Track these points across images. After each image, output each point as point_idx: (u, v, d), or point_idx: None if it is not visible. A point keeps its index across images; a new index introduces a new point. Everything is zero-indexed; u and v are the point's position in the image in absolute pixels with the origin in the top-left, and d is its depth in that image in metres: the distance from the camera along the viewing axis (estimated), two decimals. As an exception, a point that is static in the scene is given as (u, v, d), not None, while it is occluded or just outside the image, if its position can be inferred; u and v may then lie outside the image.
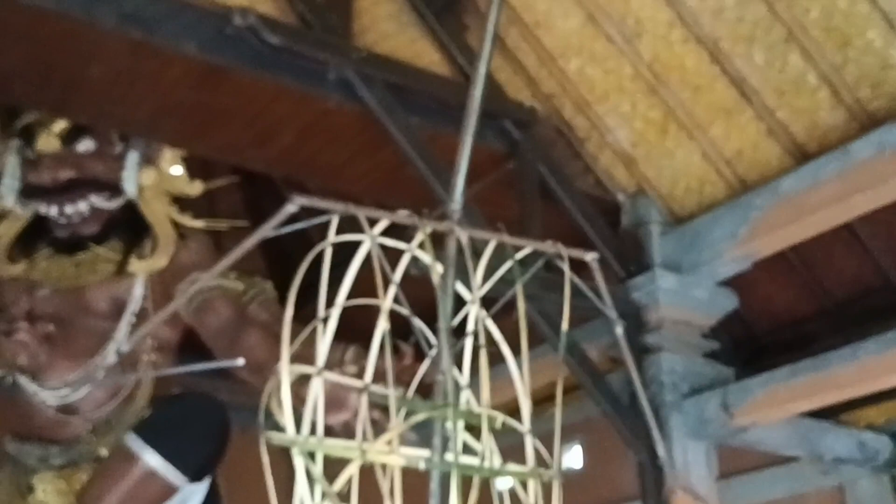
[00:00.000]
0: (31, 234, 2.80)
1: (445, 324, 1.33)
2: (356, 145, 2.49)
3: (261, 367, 2.48)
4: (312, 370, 1.35)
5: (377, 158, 2.45)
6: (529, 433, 1.28)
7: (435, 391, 1.37)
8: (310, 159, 2.55)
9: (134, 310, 2.70)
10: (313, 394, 1.31)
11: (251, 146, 2.51)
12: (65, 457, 2.57)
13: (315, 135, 2.46)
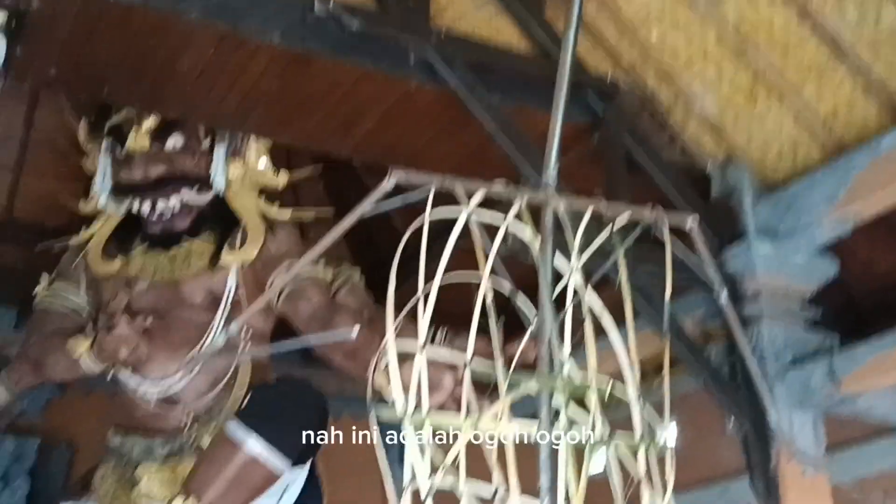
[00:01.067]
0: (125, 232, 2.89)
1: (547, 294, 1.31)
2: (438, 126, 2.48)
3: (354, 352, 2.50)
4: (416, 346, 1.34)
5: (460, 139, 2.44)
6: (639, 401, 1.25)
7: (538, 364, 1.35)
8: (393, 143, 2.56)
9: (228, 301, 2.76)
10: (416, 370, 1.31)
11: (335, 132, 2.52)
12: (168, 447, 2.64)
13: (397, 118, 2.46)
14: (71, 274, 2.87)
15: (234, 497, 2.39)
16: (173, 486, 2.57)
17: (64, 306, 2.82)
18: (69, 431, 3.52)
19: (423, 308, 1.38)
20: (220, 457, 2.39)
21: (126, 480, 2.63)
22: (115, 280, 2.79)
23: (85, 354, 2.58)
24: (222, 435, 2.43)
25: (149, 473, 2.60)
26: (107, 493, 2.63)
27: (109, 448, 2.74)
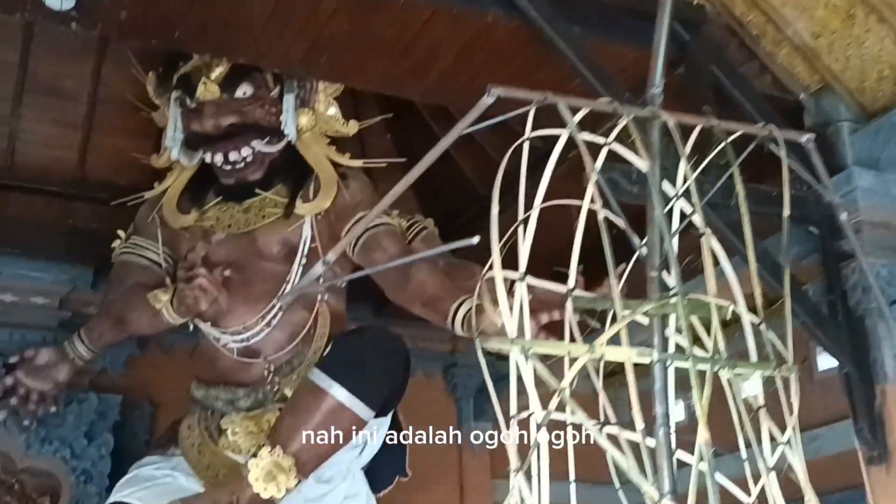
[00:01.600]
0: (199, 185, 2.87)
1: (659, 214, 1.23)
2: (517, 63, 2.38)
3: (433, 301, 2.46)
4: (517, 275, 1.27)
5: (540, 75, 2.33)
6: (763, 326, 1.17)
7: (648, 289, 1.27)
8: (468, 83, 2.46)
9: (304, 251, 2.73)
10: (518, 299, 1.24)
11: (408, 75, 2.44)
12: (251, 399, 2.64)
13: (473, 55, 2.37)
14: (147, 228, 2.86)
15: (320, 445, 2.37)
16: (258, 436, 2.57)
17: (143, 259, 2.82)
18: (150, 388, 3.55)
19: (524, 234, 1.31)
20: (304, 406, 2.37)
21: (211, 432, 2.64)
22: (190, 233, 2.77)
23: (166, 307, 2.58)
24: (306, 384, 2.41)
25: (233, 425, 2.60)
26: (193, 444, 2.64)
27: (193, 400, 2.75)
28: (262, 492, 2.30)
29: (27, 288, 3.38)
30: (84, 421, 3.23)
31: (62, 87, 3.05)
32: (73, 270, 3.42)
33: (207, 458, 2.60)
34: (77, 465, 3.19)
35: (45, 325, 3.38)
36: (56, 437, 3.18)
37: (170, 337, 3.62)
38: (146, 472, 2.59)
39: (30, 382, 3.03)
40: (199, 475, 2.57)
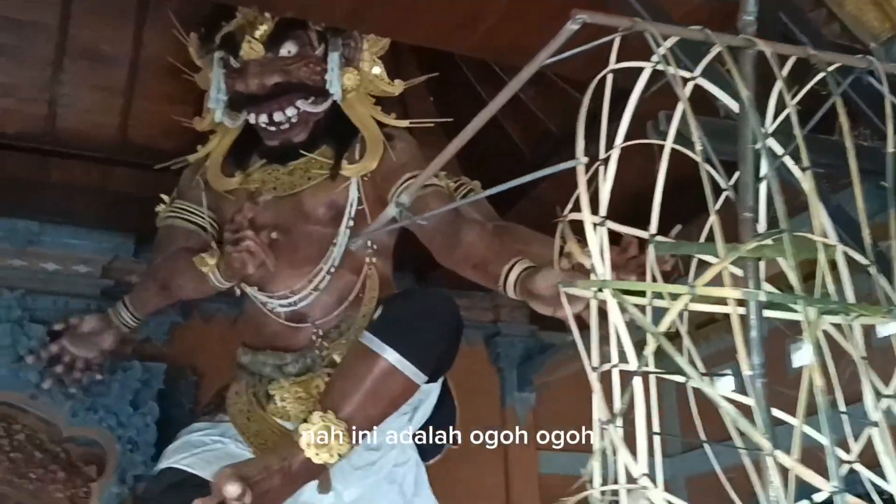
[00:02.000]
0: (242, 148, 2.81)
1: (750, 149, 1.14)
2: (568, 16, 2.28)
3: (483, 263, 2.38)
4: (596, 219, 1.20)
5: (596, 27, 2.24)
6: (873, 266, 1.09)
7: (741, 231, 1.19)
8: (517, 38, 2.37)
9: (351, 213, 2.67)
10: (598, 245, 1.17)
11: (456, 29, 2.36)
12: (299, 364, 2.59)
13: (525, 8, 2.28)
14: (191, 192, 2.81)
15: (372, 410, 2.32)
16: (307, 402, 2.53)
17: (188, 224, 2.77)
18: (192, 356, 3.53)
19: (605, 174, 1.23)
20: (356, 370, 2.32)
21: (259, 398, 2.60)
22: (235, 196, 2.72)
23: (212, 271, 2.53)
24: (358, 347, 2.36)
25: (281, 391, 2.56)
26: (241, 410, 2.59)
27: (239, 366, 2.70)
28: (313, 457, 2.25)
29: (69, 256, 3.36)
30: (129, 389, 3.21)
31: (102, 52, 3.00)
32: (114, 238, 3.38)
33: (256, 425, 2.56)
34: (123, 433, 3.17)
35: (87, 293, 3.35)
36: (101, 405, 3.16)
37: (211, 305, 3.60)
38: (195, 439, 2.55)
39: (75, 350, 3.01)
40: (248, 441, 2.53)
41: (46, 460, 3.20)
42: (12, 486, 3.17)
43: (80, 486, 3.21)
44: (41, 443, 3.20)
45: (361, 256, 2.67)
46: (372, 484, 2.57)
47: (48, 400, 3.09)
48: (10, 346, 3.05)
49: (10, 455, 3.17)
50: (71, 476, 3.21)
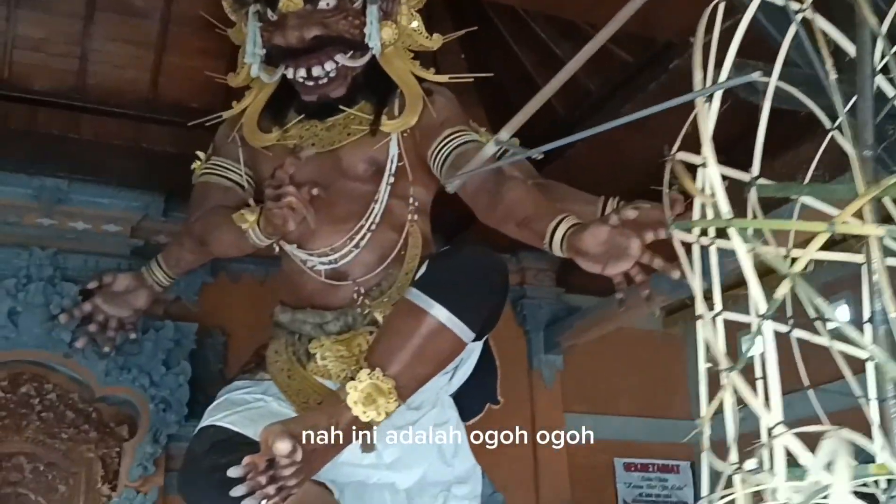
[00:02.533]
0: (279, 103, 2.76)
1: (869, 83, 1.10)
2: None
3: (528, 220, 2.33)
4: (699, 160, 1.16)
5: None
6: None
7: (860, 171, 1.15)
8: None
9: (392, 170, 2.62)
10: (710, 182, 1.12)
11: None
12: (340, 322, 2.55)
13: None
14: (228, 148, 2.77)
15: (420, 368, 2.29)
16: (348, 360, 2.50)
17: (224, 180, 2.73)
18: (221, 317, 3.51)
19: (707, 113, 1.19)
20: (403, 327, 2.28)
21: (299, 356, 2.57)
22: (273, 152, 2.67)
23: (252, 227, 2.48)
24: (404, 304, 2.32)
25: (322, 349, 2.53)
26: (281, 369, 2.56)
27: (277, 325, 2.67)
28: (361, 415, 2.22)
29: (98, 215, 3.33)
30: (161, 349, 3.19)
31: (134, 5, 2.95)
32: (144, 197, 3.35)
33: (297, 383, 2.53)
34: (156, 393, 3.15)
35: (117, 252, 3.32)
36: (134, 365, 3.14)
37: (239, 265, 3.57)
38: (237, 397, 2.52)
39: (108, 309, 2.99)
40: (289, 399, 2.50)
41: (78, 420, 3.19)
42: (44, 446, 3.16)
43: (112, 446, 3.20)
44: (73, 403, 3.19)
45: (402, 214, 2.63)
46: (411, 444, 2.55)
47: (80, 359, 3.07)
48: (43, 304, 3.03)
49: (41, 415, 3.15)
50: (103, 436, 3.20)
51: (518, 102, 3.31)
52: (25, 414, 3.11)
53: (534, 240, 2.32)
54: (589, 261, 2.12)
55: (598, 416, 4.15)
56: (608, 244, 2.09)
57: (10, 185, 3.17)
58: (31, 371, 3.13)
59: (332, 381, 2.53)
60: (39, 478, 3.13)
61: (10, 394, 3.11)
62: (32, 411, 3.12)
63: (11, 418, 3.09)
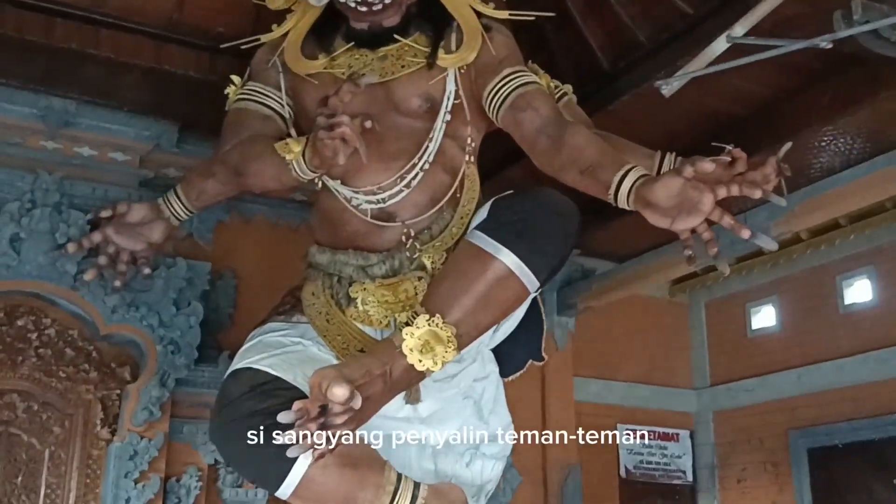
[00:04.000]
0: (323, 28, 2.57)
1: None
2: None
3: (592, 168, 2.19)
4: None
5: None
6: None
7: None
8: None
9: (448, 107, 2.46)
10: None
11: None
12: (386, 265, 2.38)
13: None
14: (267, 74, 2.56)
15: (482, 316, 2.15)
16: (393, 306, 2.35)
17: (263, 108, 2.53)
18: (231, 259, 3.32)
19: None
20: (467, 271, 2.13)
21: (339, 300, 2.40)
22: (319, 80, 2.48)
23: (297, 159, 2.29)
24: (468, 248, 2.17)
25: (365, 293, 2.36)
26: (319, 312, 2.39)
27: (313, 266, 2.50)
28: (416, 364, 2.07)
29: (106, 141, 3.11)
30: (173, 287, 3.00)
31: (165, -89, 2.72)
32: (156, 126, 3.14)
33: (336, 328, 2.37)
34: (165, 334, 2.97)
35: (124, 182, 3.11)
36: (143, 303, 2.95)
37: (252, 206, 3.38)
38: (273, 339, 2.35)
39: (120, 241, 2.77)
40: (329, 344, 2.34)
41: (78, 359, 2.99)
42: (39, 384, 2.96)
43: (112, 388, 3.02)
44: (72, 340, 2.99)
45: (455, 155, 2.47)
46: (449, 398, 2.42)
47: (86, 293, 2.87)
48: (48, 232, 2.81)
49: (38, 350, 2.95)
50: (103, 377, 3.01)
51: (561, 53, 3.18)
52: (22, 349, 2.91)
53: (597, 189, 2.18)
54: (658, 214, 2.00)
55: (604, 381, 4.08)
56: (680, 197, 1.97)
57: (15, 104, 2.94)
58: (29, 304, 2.92)
59: (373, 327, 2.37)
60: (33, 418, 2.94)
61: (6, 326, 2.91)
62: (30, 346, 2.92)
63: (7, 353, 2.89)
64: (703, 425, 4.33)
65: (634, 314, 4.29)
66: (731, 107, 2.95)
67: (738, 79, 2.83)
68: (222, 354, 3.10)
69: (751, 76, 2.79)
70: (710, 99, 2.96)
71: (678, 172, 1.98)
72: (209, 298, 3.12)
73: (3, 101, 2.95)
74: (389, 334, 2.36)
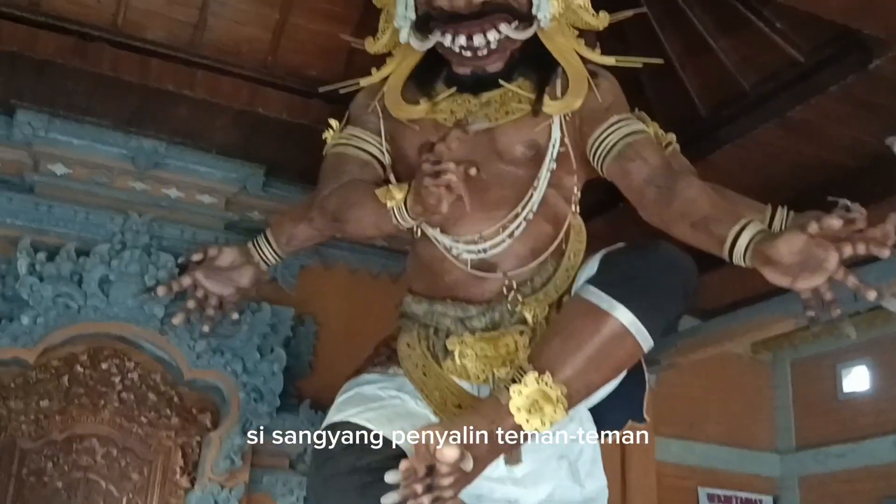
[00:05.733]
0: (424, 73, 2.51)
1: None
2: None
3: (706, 221, 2.09)
4: None
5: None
6: None
7: None
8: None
9: (553, 155, 2.38)
10: None
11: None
12: (486, 318, 2.29)
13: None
14: (366, 119, 2.51)
15: (594, 376, 2.05)
16: (493, 361, 2.26)
17: (362, 153, 2.47)
18: (312, 304, 3.26)
19: None
20: (579, 328, 2.03)
21: (435, 352, 2.32)
22: (420, 126, 2.43)
23: (398, 206, 2.22)
24: (581, 303, 2.07)
25: (462, 346, 2.28)
26: (416, 364, 2.31)
27: (408, 316, 2.42)
28: (524, 424, 1.98)
29: (194, 183, 3.08)
30: (257, 333, 2.94)
31: (265, -44, 2.71)
32: (244, 169, 3.11)
33: (433, 381, 2.28)
34: (248, 380, 2.90)
35: (210, 225, 3.07)
36: (228, 348, 2.88)
37: (335, 251, 3.33)
38: (370, 392, 2.27)
39: (209, 285, 2.72)
40: (426, 398, 2.25)
41: (160, 404, 2.94)
42: (120, 429, 2.91)
43: (192, 434, 2.95)
44: (155, 384, 2.94)
45: (559, 204, 2.38)
46: (544, 458, 2.30)
47: (172, 337, 2.81)
48: (138, 274, 2.78)
49: (120, 395, 2.90)
50: (184, 423, 2.95)
51: (657, 99, 3.09)
52: (104, 393, 2.86)
53: (710, 243, 2.08)
54: (779, 272, 1.90)
55: (685, 441, 3.93)
56: (804, 255, 1.88)
57: (105, 144, 2.93)
58: (113, 347, 2.88)
59: (470, 382, 2.28)
60: (112, 464, 2.88)
61: (89, 370, 2.86)
62: (112, 390, 2.87)
63: (89, 397, 2.84)
64: (789, 491, 4.13)
65: (716, 371, 4.14)
66: (841, 158, 2.83)
67: (851, 129, 2.72)
68: (303, 403, 3.02)
69: (865, 127, 2.68)
70: (816, 149, 2.85)
71: (801, 228, 1.89)
72: (290, 345, 3.05)
73: (94, 140, 2.95)
74: (487, 390, 2.28)
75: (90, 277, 2.73)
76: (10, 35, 2.56)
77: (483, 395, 2.26)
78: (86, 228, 2.86)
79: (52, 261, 2.74)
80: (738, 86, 2.89)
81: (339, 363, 2.66)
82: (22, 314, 2.68)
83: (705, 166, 2.85)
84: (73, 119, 2.86)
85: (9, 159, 2.91)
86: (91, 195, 2.91)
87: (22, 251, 2.71)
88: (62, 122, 2.86)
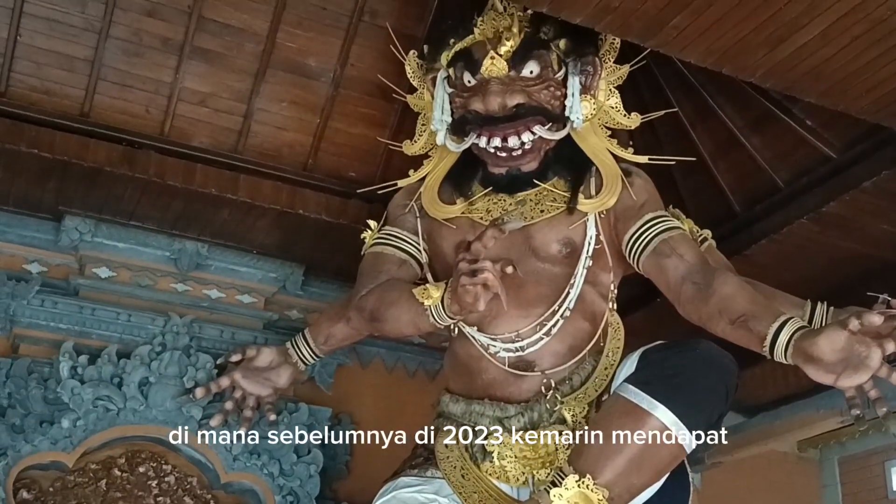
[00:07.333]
0: (460, 173, 2.56)
1: None
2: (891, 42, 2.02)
3: (745, 318, 2.08)
4: None
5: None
6: None
7: None
8: (819, 66, 2.12)
9: (589, 252, 2.39)
10: None
11: (753, 50, 2.10)
12: (525, 418, 2.28)
13: (840, 33, 2.01)
14: (404, 219, 2.56)
15: (635, 478, 2.01)
16: (532, 462, 2.23)
17: (399, 252, 2.51)
18: (351, 404, 3.23)
19: None
20: (620, 428, 1.99)
21: (473, 453, 2.29)
22: (457, 225, 2.46)
23: (435, 304, 2.23)
24: (620, 403, 2.04)
25: (502, 447, 2.25)
26: (454, 466, 2.28)
27: (445, 416, 2.40)
28: (564, 528, 1.93)
29: (234, 283, 3.12)
30: (294, 434, 2.90)
31: (307, 66, 2.80)
32: (283, 268, 3.14)
33: (472, 484, 2.24)
34: (284, 483, 2.86)
35: (249, 325, 3.09)
36: (264, 450, 2.86)
37: (371, 349, 3.32)
38: (407, 496, 2.24)
39: (247, 385, 2.73)
40: (465, 502, 2.21)
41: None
42: (156, 535, 2.86)
43: (228, 540, 2.90)
44: (191, 488, 2.90)
45: (596, 301, 2.39)
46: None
47: (209, 439, 2.79)
48: (177, 375, 2.78)
49: (157, 499, 2.87)
50: (219, 528, 2.90)
51: (691, 193, 3.10)
52: (141, 497, 2.83)
53: (749, 341, 2.07)
54: (821, 369, 1.89)
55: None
56: (846, 352, 1.87)
57: (149, 247, 2.99)
58: (150, 449, 2.85)
59: (510, 484, 2.25)
60: (149, 569, 2.83)
61: (126, 473, 2.84)
62: (149, 494, 2.84)
63: (126, 501, 2.81)
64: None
65: (761, 470, 4.01)
66: (878, 251, 2.80)
67: (887, 222, 2.70)
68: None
69: (903, 220, 2.66)
70: (853, 243, 2.82)
71: (843, 325, 1.88)
72: (326, 445, 3.02)
73: (138, 244, 3.00)
74: (527, 493, 2.24)
75: (130, 380, 2.74)
76: (62, 145, 2.64)
77: (523, 498, 2.23)
78: (127, 330, 2.89)
79: (94, 363, 2.76)
80: (771, 181, 2.89)
81: (376, 463, 2.63)
82: (62, 417, 2.69)
83: (741, 261, 2.84)
84: (118, 223, 2.93)
85: (56, 264, 2.97)
86: (133, 297, 2.95)
87: (64, 354, 2.74)
88: (108, 226, 2.93)
